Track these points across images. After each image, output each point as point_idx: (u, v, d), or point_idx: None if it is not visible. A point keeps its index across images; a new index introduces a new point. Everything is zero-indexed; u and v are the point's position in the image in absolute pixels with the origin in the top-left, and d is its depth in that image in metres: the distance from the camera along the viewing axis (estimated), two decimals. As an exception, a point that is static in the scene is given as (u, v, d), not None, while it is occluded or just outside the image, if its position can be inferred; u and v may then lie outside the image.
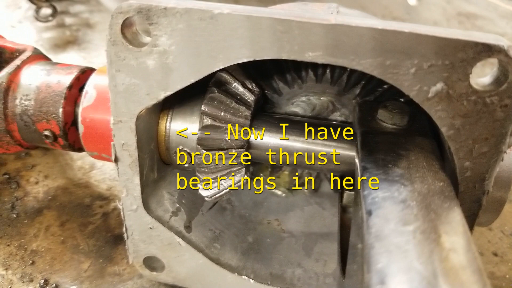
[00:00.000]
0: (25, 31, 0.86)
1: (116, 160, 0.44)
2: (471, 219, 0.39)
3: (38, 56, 0.55)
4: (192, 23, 0.35)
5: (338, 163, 0.47)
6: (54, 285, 0.51)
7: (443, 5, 1.35)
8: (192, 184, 0.51)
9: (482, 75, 0.34)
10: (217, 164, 0.46)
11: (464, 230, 0.29)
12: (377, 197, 0.31)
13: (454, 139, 0.36)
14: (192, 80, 0.38)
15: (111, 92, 0.40)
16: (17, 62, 0.52)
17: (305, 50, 0.34)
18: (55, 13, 0.86)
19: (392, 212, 0.30)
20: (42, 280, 0.52)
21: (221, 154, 0.45)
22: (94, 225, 0.58)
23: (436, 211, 0.30)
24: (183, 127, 0.46)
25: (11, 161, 0.64)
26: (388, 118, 0.43)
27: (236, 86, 0.45)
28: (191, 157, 0.47)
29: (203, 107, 0.44)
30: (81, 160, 0.66)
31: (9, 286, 0.51)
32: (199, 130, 0.44)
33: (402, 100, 0.47)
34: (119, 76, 0.39)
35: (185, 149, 0.47)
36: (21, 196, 0.60)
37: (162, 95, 0.39)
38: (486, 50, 0.32)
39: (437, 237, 0.28)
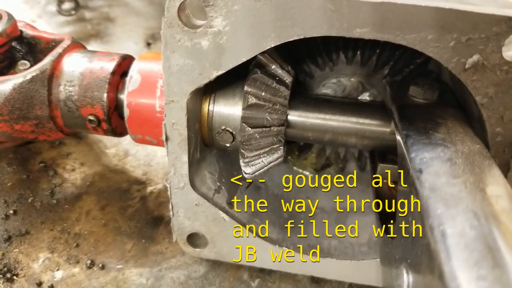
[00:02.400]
0: (45, 26, 0.89)
1: (167, 139, 0.47)
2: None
3: (77, 45, 0.58)
4: (247, 4, 0.39)
5: (371, 138, 0.52)
6: (100, 265, 0.55)
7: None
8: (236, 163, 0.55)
9: (513, 47, 0.39)
10: (260, 142, 0.50)
11: (504, 182, 0.33)
12: (425, 158, 0.36)
13: (487, 106, 0.40)
14: (244, 59, 0.42)
15: (164, 73, 0.44)
16: (58, 50, 0.55)
17: (354, 27, 0.38)
18: (77, 7, 0.90)
19: (442, 168, 0.34)
20: (89, 261, 0.55)
21: (264, 131, 0.49)
22: (134, 208, 0.62)
23: (480, 167, 0.34)
24: (227, 108, 0.50)
25: (45, 150, 0.67)
26: (420, 93, 0.48)
27: (275, 68, 0.49)
28: (233, 136, 0.51)
29: (246, 88, 0.48)
30: (115, 147, 0.69)
31: (57, 268, 0.54)
32: (244, 109, 0.48)
33: (425, 78, 0.51)
34: (174, 57, 0.43)
35: (228, 129, 0.51)
36: (60, 183, 0.63)
37: (214, 74, 0.43)
38: (519, 22, 0.36)
39: (484, 187, 0.32)
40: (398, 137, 0.42)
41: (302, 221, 0.59)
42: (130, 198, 0.63)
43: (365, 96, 0.58)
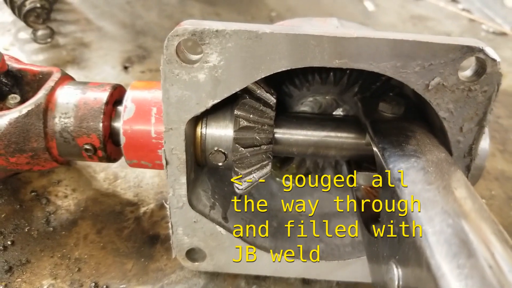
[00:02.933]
0: (19, 53, 0.89)
1: (167, 164, 0.51)
2: (463, 183, 0.51)
3: (67, 77, 0.61)
4: (239, 42, 0.44)
5: (348, 149, 0.58)
6: (105, 287, 0.57)
7: (398, 9, 1.51)
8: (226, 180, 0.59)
9: (466, 69, 0.46)
10: (251, 160, 0.54)
11: (468, 184, 0.40)
12: (402, 168, 0.41)
13: (449, 120, 0.47)
14: (237, 89, 0.47)
15: (164, 103, 0.47)
16: (50, 83, 0.58)
17: (333, 58, 0.44)
18: (53, 34, 0.90)
19: (417, 177, 0.40)
20: (92, 284, 0.57)
21: (254, 150, 0.54)
22: (129, 229, 0.64)
23: (447, 173, 0.41)
24: (218, 130, 0.54)
25: (35, 179, 0.69)
26: (388, 109, 0.54)
27: (260, 93, 0.54)
28: (225, 156, 0.55)
29: (236, 112, 0.52)
30: (104, 171, 0.71)
31: (61, 292, 0.56)
32: (236, 131, 0.52)
33: (391, 94, 0.58)
34: (173, 89, 0.46)
35: (220, 149, 0.55)
36: (54, 210, 0.65)
37: (210, 103, 0.47)
38: (470, 51, 0.43)
39: (453, 190, 0.38)
40: (375, 149, 0.48)
41: (290, 229, 0.64)
42: (124, 219, 0.66)
43: (339, 111, 0.65)
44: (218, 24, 0.44)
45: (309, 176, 0.72)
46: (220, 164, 0.56)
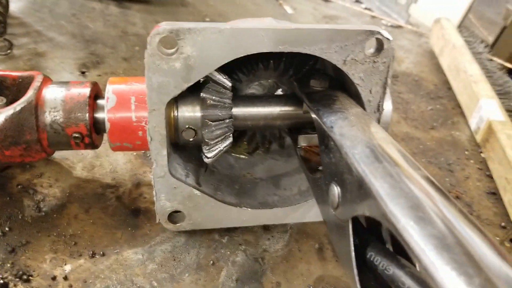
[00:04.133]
0: (-23, 66, 0.93)
1: (151, 139, 0.62)
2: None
3: (48, 78, 0.69)
4: (206, 36, 0.56)
5: (290, 118, 0.73)
6: (101, 253, 0.66)
7: (312, 11, 1.72)
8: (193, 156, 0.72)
9: (370, 48, 0.63)
10: (217, 132, 0.67)
11: (377, 125, 0.57)
12: (332, 119, 0.57)
13: (361, 85, 0.64)
14: (206, 73, 0.59)
15: (147, 89, 0.59)
16: (37, 83, 0.65)
17: (277, 45, 0.58)
18: (11, 46, 0.95)
19: (343, 123, 0.55)
20: (90, 252, 0.66)
21: (219, 123, 0.67)
22: (113, 206, 0.74)
23: (363, 120, 0.57)
24: (188, 111, 0.66)
25: (19, 174, 0.75)
26: (317, 84, 0.70)
27: (220, 78, 0.67)
28: (195, 132, 0.68)
29: (203, 94, 0.65)
30: (80, 162, 0.79)
31: (64, 263, 0.64)
32: (204, 109, 0.65)
33: (318, 74, 0.75)
34: (155, 77, 0.58)
35: (190, 126, 0.67)
36: (42, 198, 0.72)
37: (185, 86, 0.59)
38: (371, 34, 0.60)
39: (369, 128, 0.54)
40: (312, 113, 0.63)
41: (250, 189, 0.78)
42: (107, 199, 0.75)
43: (279, 91, 0.80)
44: (190, 23, 0.56)
45: (258, 149, 0.87)
46: (191, 139, 0.68)
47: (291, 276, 0.68)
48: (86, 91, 0.66)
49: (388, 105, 0.71)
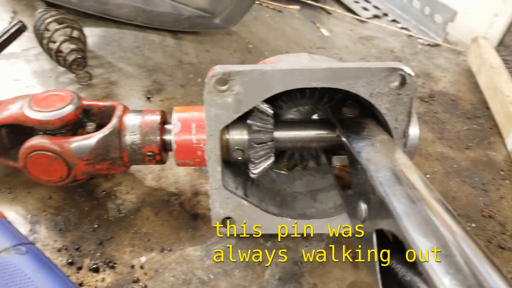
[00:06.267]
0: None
1: (209, 158, 0.70)
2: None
3: (126, 108, 0.79)
4: (252, 77, 0.63)
5: (325, 141, 0.77)
6: (168, 249, 0.75)
7: (348, 33, 1.74)
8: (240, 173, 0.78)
9: (394, 82, 0.66)
10: (261, 153, 0.73)
11: (401, 151, 0.60)
12: (360, 145, 0.61)
13: (388, 114, 0.67)
14: (252, 105, 0.66)
15: (206, 118, 0.66)
16: (119, 112, 0.76)
17: (311, 81, 0.64)
18: (91, 77, 1.08)
19: (370, 150, 0.60)
20: (160, 248, 0.74)
21: (262, 146, 0.73)
22: (177, 211, 0.82)
23: (388, 146, 0.61)
24: (237, 135, 0.73)
25: (103, 182, 0.86)
26: (349, 111, 0.74)
27: (262, 107, 0.73)
28: (243, 152, 0.74)
29: (249, 121, 0.71)
30: (150, 174, 0.89)
31: (140, 255, 0.73)
32: (250, 133, 0.71)
33: (350, 101, 0.78)
34: (211, 109, 0.65)
35: (239, 148, 0.74)
36: (121, 202, 0.82)
37: (235, 116, 0.66)
38: (395, 70, 0.63)
39: (392, 155, 0.58)
40: (344, 138, 0.67)
41: (290, 202, 0.83)
42: (172, 205, 0.83)
43: (315, 116, 0.85)
44: (239, 66, 0.63)
45: (297, 166, 0.92)
46: (239, 158, 0.75)
47: (327, 280, 0.73)
48: (157, 118, 0.75)
49: (414, 130, 0.74)
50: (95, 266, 0.70)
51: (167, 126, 0.78)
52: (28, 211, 0.79)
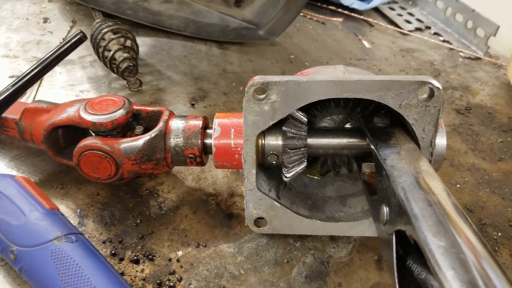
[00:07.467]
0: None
1: (245, 161, 0.77)
2: (429, 164, 0.76)
3: (172, 113, 0.88)
4: (288, 87, 0.70)
5: (356, 149, 0.83)
6: (204, 245, 0.82)
7: (389, 45, 1.77)
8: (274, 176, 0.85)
9: (423, 94, 0.71)
10: (294, 158, 0.80)
11: (425, 159, 0.65)
12: (386, 153, 0.67)
13: (415, 124, 0.72)
14: (287, 113, 0.73)
15: (244, 124, 0.74)
16: (165, 117, 0.85)
17: (343, 92, 0.70)
18: (141, 83, 1.20)
19: (395, 157, 0.65)
20: (196, 243, 0.83)
21: (296, 151, 0.80)
22: (213, 210, 0.90)
23: (413, 154, 0.66)
24: (272, 140, 0.80)
25: (147, 181, 0.95)
26: (379, 121, 0.80)
27: (297, 115, 0.80)
28: (277, 156, 0.81)
29: (284, 128, 0.78)
30: (191, 175, 0.98)
31: (177, 250, 0.81)
32: (284, 139, 0.79)
33: (382, 112, 0.84)
34: (249, 116, 0.73)
35: (274, 152, 0.81)
36: (163, 200, 0.91)
37: (271, 123, 0.73)
38: (424, 83, 0.68)
39: (417, 163, 0.63)
40: (372, 146, 0.73)
41: (320, 205, 0.89)
42: (209, 205, 0.92)
43: (347, 125, 0.91)
44: (276, 77, 0.71)
45: (329, 172, 0.98)
46: (274, 162, 0.82)
47: (351, 280, 0.78)
48: (199, 123, 0.84)
49: (441, 140, 0.78)
50: (136, 258, 0.79)
51: (208, 131, 0.86)
52: (77, 206, 0.89)
